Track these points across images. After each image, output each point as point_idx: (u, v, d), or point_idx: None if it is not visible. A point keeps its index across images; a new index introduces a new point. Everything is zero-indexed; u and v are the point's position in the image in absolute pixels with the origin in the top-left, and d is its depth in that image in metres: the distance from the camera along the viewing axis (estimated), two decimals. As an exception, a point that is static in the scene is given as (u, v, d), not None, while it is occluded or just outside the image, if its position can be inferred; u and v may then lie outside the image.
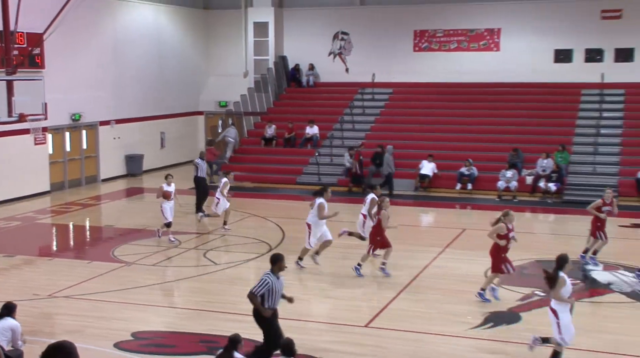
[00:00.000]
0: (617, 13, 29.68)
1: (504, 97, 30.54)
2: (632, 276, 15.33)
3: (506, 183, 25.39)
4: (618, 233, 20.73)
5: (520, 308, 13.40)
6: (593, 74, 29.46)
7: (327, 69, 33.70)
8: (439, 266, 16.44)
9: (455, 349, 11.47)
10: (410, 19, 32.16)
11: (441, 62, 31.85)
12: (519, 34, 30.99)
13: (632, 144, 26.82)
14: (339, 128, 30.41)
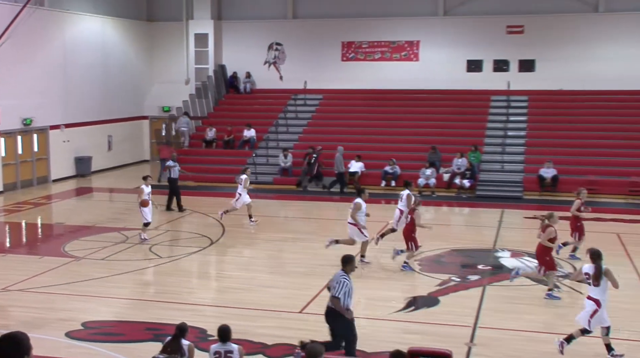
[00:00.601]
0: (520, 28, 30.38)
1: (423, 102, 30.93)
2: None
3: (426, 180, 25.73)
4: (523, 223, 21.27)
5: (438, 293, 13.59)
6: (500, 82, 30.11)
7: (262, 77, 33.62)
8: (367, 256, 16.55)
9: (381, 331, 11.58)
10: (339, 31, 32.32)
11: (367, 71, 32.08)
12: (435, 46, 31.43)
13: (534, 145, 27.46)
14: (274, 131, 30.39)
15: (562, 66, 29.81)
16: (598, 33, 29.68)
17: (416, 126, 29.38)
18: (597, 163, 26.03)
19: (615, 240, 18.22)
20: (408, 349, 7.80)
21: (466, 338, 11.11)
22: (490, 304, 13.01)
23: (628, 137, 27.07)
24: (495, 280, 14.57)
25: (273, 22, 33.31)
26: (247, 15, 33.54)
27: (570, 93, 29.67)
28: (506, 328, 11.63)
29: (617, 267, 15.53)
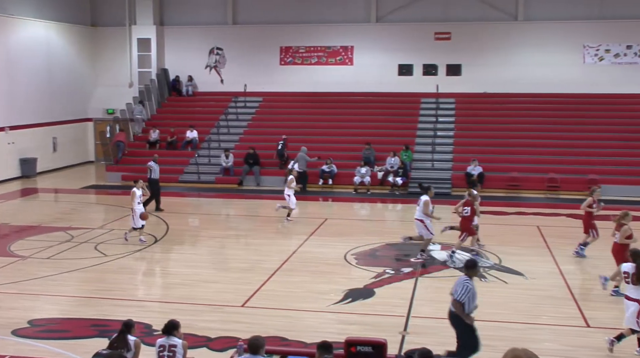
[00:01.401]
0: (447, 35, 30.86)
1: (357, 104, 31.08)
2: (466, 254, 15.96)
3: (361, 178, 25.88)
4: (452, 218, 21.52)
5: (374, 285, 13.68)
6: (430, 85, 30.53)
7: (204, 80, 33.30)
8: (305, 252, 16.56)
9: (321, 322, 11.59)
10: (277, 36, 32.25)
11: (304, 75, 32.10)
12: (369, 51, 31.65)
13: (462, 144, 27.92)
14: (215, 132, 30.14)
15: (486, 71, 30.43)
16: (518, 40, 30.38)
17: (351, 127, 29.53)
18: (519, 161, 26.62)
19: (536, 233, 18.66)
20: (345, 339, 7.83)
21: (400, 327, 11.21)
22: (422, 294, 13.16)
23: (546, 136, 27.76)
24: (426, 271, 14.75)
25: (214, 27, 33.02)
26: (188, 21, 33.18)
27: (493, 96, 30.28)
28: (437, 316, 11.75)
29: (538, 258, 16.01)
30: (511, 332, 11.03)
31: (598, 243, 16.17)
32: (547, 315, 11.93)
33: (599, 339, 10.72)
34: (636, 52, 29.65)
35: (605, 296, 12.97)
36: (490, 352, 9.80)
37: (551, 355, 9.82)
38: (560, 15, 30.00)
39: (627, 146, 26.90)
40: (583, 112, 28.90)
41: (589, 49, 30.00)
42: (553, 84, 29.65)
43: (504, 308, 12.24)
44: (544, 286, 13.70)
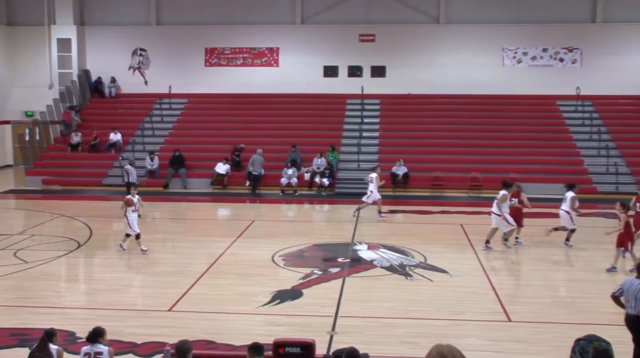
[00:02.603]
0: (372, 37, 31.25)
1: (283, 106, 31.12)
2: (392, 254, 16.19)
3: (288, 179, 25.91)
4: (377, 217, 21.82)
5: (301, 286, 13.70)
6: (355, 86, 30.83)
7: (127, 82, 32.68)
8: (232, 254, 16.45)
9: (249, 324, 11.53)
10: (202, 37, 31.96)
11: (229, 76, 31.92)
12: (294, 52, 31.73)
13: (387, 145, 28.31)
14: (140, 134, 29.62)
15: (409, 72, 30.96)
16: (440, 42, 31.05)
17: (277, 129, 29.53)
18: (443, 160, 27.18)
19: (460, 231, 19.08)
20: (273, 341, 7.82)
21: (328, 327, 11.27)
22: (350, 294, 13.26)
23: (468, 137, 28.43)
24: (354, 271, 14.88)
25: (137, 28, 32.45)
26: (110, 21, 32.50)
27: (417, 97, 30.83)
28: (365, 315, 11.90)
29: (462, 255, 16.37)
30: (436, 328, 11.24)
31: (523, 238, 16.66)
32: (470, 311, 12.21)
33: (520, 332, 11.06)
34: (552, 55, 30.74)
35: (525, 291, 13.38)
36: (414, 348, 9.98)
37: (475, 350, 10.05)
38: (481, 19, 30.81)
39: (544, 145, 27.82)
40: (503, 112, 29.74)
41: (508, 51, 30.92)
42: (474, 85, 30.41)
43: (429, 306, 12.47)
44: (467, 283, 14.02)
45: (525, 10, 30.68)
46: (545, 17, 30.59)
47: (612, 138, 28.00)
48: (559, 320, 11.61)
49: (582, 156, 27.20)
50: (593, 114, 29.37)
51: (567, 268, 15.45)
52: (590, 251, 16.86)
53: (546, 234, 17.15)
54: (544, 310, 12.28)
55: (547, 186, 25.26)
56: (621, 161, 26.75)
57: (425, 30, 31.14)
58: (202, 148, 28.54)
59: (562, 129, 28.80)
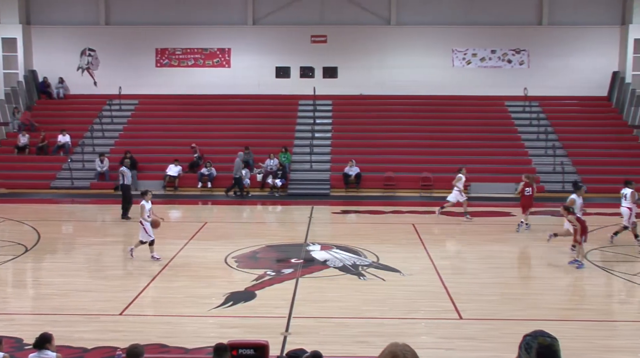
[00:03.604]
0: (323, 38, 31.34)
1: (235, 107, 30.98)
2: (345, 254, 16.24)
3: (240, 181, 25.79)
4: (330, 218, 21.91)
5: (254, 287, 13.65)
6: (307, 87, 30.86)
7: (76, 83, 32.09)
8: (185, 256, 16.29)
9: (202, 327, 11.44)
10: (152, 38, 31.59)
11: (181, 77, 31.62)
12: (246, 53, 31.60)
13: (339, 145, 28.42)
14: (89, 136, 29.12)
15: (361, 73, 31.14)
16: (391, 44, 31.30)
17: (230, 129, 29.38)
18: (394, 161, 27.40)
19: (412, 230, 19.25)
20: (227, 342, 7.78)
21: (282, 328, 11.25)
22: (303, 295, 13.26)
23: (419, 137, 28.74)
24: (307, 272, 14.88)
25: (85, 28, 31.90)
26: (57, 20, 31.86)
27: (369, 98, 31.01)
28: (318, 316, 11.91)
29: (414, 254, 16.50)
30: (389, 327, 11.32)
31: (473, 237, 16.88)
32: (423, 310, 12.33)
33: (471, 330, 11.21)
34: (500, 56, 31.27)
35: (476, 289, 13.57)
36: (368, 348, 10.03)
37: (427, 348, 10.15)
38: (431, 21, 31.17)
39: (494, 145, 28.29)
40: (453, 113, 30.13)
41: (458, 53, 31.35)
42: (425, 86, 30.74)
43: (382, 305, 12.54)
44: (419, 281, 14.15)
45: (474, 13, 31.16)
46: (493, 20, 31.10)
47: (558, 137, 28.62)
48: (509, 317, 11.80)
49: (530, 156, 27.73)
50: (540, 114, 29.98)
51: (516, 265, 15.71)
52: (538, 248, 17.18)
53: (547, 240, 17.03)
54: (495, 307, 12.47)
55: (497, 185, 25.72)
56: (567, 160, 27.36)
57: (377, 31, 31.35)
58: (153, 149, 28.23)
59: (511, 129, 29.33)
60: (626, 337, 11.46)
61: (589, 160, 27.30)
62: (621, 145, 28.67)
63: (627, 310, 13.17)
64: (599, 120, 29.98)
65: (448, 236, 18.61)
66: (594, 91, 30.93)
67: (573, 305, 13.35)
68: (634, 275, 14.77)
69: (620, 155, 27.91)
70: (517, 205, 23.33)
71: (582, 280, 14.65)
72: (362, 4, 31.24)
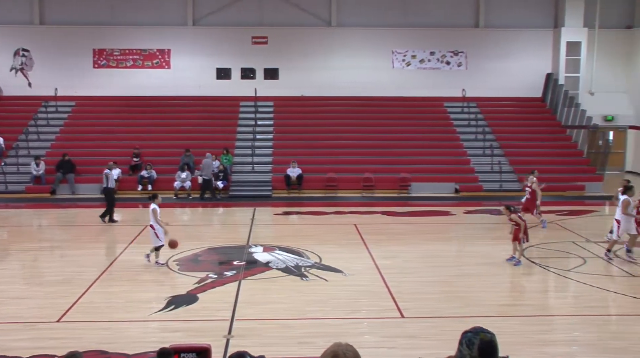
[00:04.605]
0: (264, 39, 31.27)
1: (175, 109, 30.61)
2: (287, 255, 16.25)
3: (182, 183, 25.52)
4: (273, 220, 21.89)
5: (196, 290, 13.54)
6: (248, 89, 30.73)
7: (9, 84, 31.17)
8: (125, 260, 16.04)
9: (143, 332, 11.29)
10: (89, 38, 30.96)
11: (119, 78, 31.08)
12: (186, 54, 31.29)
13: (281, 147, 28.39)
14: (24, 139, 28.35)
15: (303, 74, 31.20)
16: (332, 45, 31.44)
17: (170, 132, 29.02)
18: (336, 161, 27.52)
19: (354, 230, 19.38)
20: (169, 347, 7.68)
21: (225, 331, 11.19)
22: (246, 297, 13.22)
23: (361, 138, 28.94)
24: (249, 274, 14.84)
25: (18, 27, 31.05)
26: (-11, 20, 30.97)
27: (310, 99, 31.09)
28: (261, 318, 11.89)
29: (356, 255, 16.63)
30: (332, 327, 11.38)
31: (414, 236, 17.08)
32: (365, 309, 12.43)
33: (413, 328, 11.37)
34: (439, 58, 31.76)
35: (417, 288, 13.75)
36: (311, 348, 10.06)
37: (370, 347, 10.25)
38: (371, 22, 31.45)
39: (434, 145, 28.70)
40: (393, 114, 30.44)
41: (397, 54, 31.71)
42: (365, 87, 31.00)
43: (324, 305, 12.60)
44: (362, 281, 14.26)
45: (413, 15, 31.57)
46: (432, 22, 31.56)
47: (495, 137, 29.24)
48: (449, 314, 12.01)
49: (468, 156, 28.24)
50: (478, 115, 30.57)
51: (457, 264, 15.97)
52: (478, 246, 17.53)
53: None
54: (436, 305, 12.68)
55: (437, 185, 26.12)
56: (504, 160, 27.97)
57: (318, 33, 31.46)
58: (92, 152, 27.66)
59: (450, 129, 29.82)
60: (561, 330, 11.79)
61: (525, 159, 27.93)
62: (555, 145, 29.48)
63: (562, 304, 13.55)
64: (534, 120, 30.75)
65: (389, 236, 18.80)
66: (529, 92, 31.73)
67: (511, 301, 13.67)
68: (569, 271, 15.23)
69: (554, 154, 28.70)
70: (457, 204, 23.79)
71: (520, 276, 15.02)
72: (302, 6, 31.30)
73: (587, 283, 14.23)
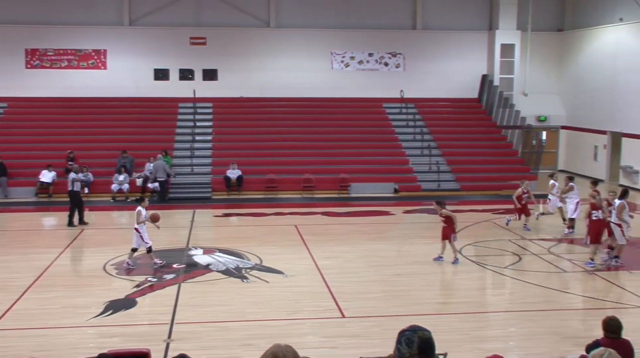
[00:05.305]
0: (203, 40, 30.99)
1: (112, 110, 30.03)
2: (228, 257, 16.16)
3: (119, 186, 25.09)
4: (213, 221, 21.74)
5: (135, 294, 13.35)
6: (187, 90, 30.40)
7: (-63, 85, 30.11)
8: (61, 265, 15.68)
9: (80, 338, 11.06)
10: (21, 38, 30.08)
11: (54, 79, 30.29)
12: (123, 55, 30.73)
13: (220, 148, 28.20)
14: (-47, 141, 27.42)
15: (242, 75, 31.04)
16: (271, 46, 31.37)
17: (107, 133, 28.44)
18: (276, 163, 27.48)
19: (294, 231, 19.40)
20: (107, 352, 7.56)
21: (164, 334, 11.06)
22: (186, 300, 13.09)
23: (300, 139, 28.97)
24: (189, 276, 14.70)
25: (-54, 26, 30.01)
26: None
27: (250, 100, 30.96)
28: (202, 321, 11.80)
29: (297, 255, 16.65)
30: (273, 329, 11.37)
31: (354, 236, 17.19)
32: (306, 310, 12.47)
33: (354, 328, 11.46)
34: (377, 59, 32.06)
35: (358, 288, 13.87)
36: (252, 350, 10.03)
37: (311, 348, 10.28)
38: (310, 24, 31.51)
39: (373, 146, 28.94)
40: (333, 115, 30.61)
41: (336, 55, 31.88)
42: (305, 88, 31.05)
43: (265, 307, 12.59)
44: (302, 282, 14.30)
45: (352, 17, 31.77)
46: (370, 23, 31.83)
47: (433, 138, 29.68)
48: (388, 313, 12.14)
49: (407, 156, 28.59)
50: (416, 115, 30.97)
51: (396, 263, 16.14)
52: (417, 245, 17.76)
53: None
54: (376, 304, 12.80)
55: (376, 185, 26.35)
56: (442, 160, 28.42)
57: (256, 34, 31.35)
58: (25, 154, 26.93)
59: (388, 130, 30.13)
60: (498, 326, 12.08)
61: (462, 159, 28.47)
62: (491, 144, 30.12)
63: (498, 301, 13.87)
64: (471, 121, 31.35)
65: (330, 237, 18.90)
66: (465, 93, 32.33)
67: (449, 298, 13.91)
68: (504, 268, 15.59)
69: (490, 154, 29.34)
70: (396, 204, 24.06)
71: (457, 274, 15.29)
72: (240, 7, 31.14)
73: (522, 279, 14.60)
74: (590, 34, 31.10)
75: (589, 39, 31.22)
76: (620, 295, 13.80)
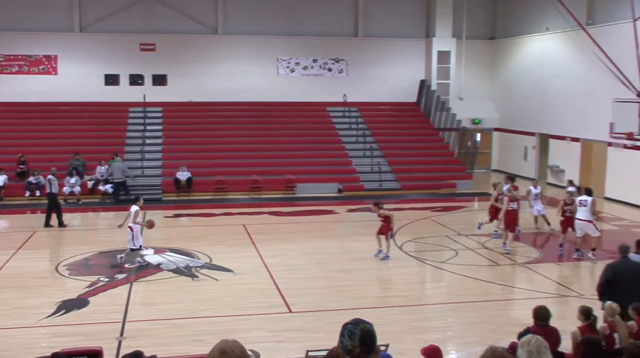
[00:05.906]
0: (152, 46, 30.60)
1: (63, 114, 29.42)
2: (178, 256, 16.02)
3: (71, 188, 24.58)
4: (163, 222, 21.49)
5: (87, 294, 13.13)
6: (137, 95, 29.97)
7: None
8: (12, 267, 15.29)
9: (32, 338, 10.83)
10: (-30, 44, 29.24)
11: (3, 84, 29.47)
12: (73, 60, 30.09)
13: (170, 151, 27.90)
14: None
15: (191, 81, 30.77)
16: (219, 52, 31.19)
17: (58, 137, 27.87)
18: (225, 164, 27.33)
19: (243, 231, 19.34)
20: (59, 351, 7.43)
21: (117, 333, 10.92)
22: (137, 299, 12.95)
23: (248, 141, 28.88)
24: (141, 276, 14.52)
25: None
26: None
27: (198, 104, 30.71)
28: (153, 318, 11.69)
29: (245, 254, 16.62)
30: (222, 325, 11.34)
31: (300, 235, 17.22)
32: (254, 306, 12.46)
33: (299, 322, 11.52)
34: (321, 65, 32.19)
35: (304, 284, 13.92)
36: (201, 346, 9.97)
37: (259, 342, 10.26)
38: (256, 31, 31.44)
39: (318, 148, 29.06)
40: (279, 118, 30.60)
41: (282, 61, 31.88)
42: (252, 93, 30.98)
43: (215, 304, 12.54)
44: (251, 280, 14.28)
45: (297, 24, 31.82)
46: (315, 31, 31.94)
47: (375, 140, 29.96)
48: (333, 308, 12.23)
49: (350, 157, 28.78)
50: (359, 119, 31.21)
51: (339, 259, 16.25)
52: (360, 242, 17.90)
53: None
54: (321, 299, 12.88)
55: (320, 186, 26.46)
56: (383, 161, 28.71)
57: (205, 40, 31.12)
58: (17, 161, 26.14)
59: (332, 132, 30.28)
60: (437, 318, 12.30)
61: (402, 160, 28.80)
62: (429, 146, 30.56)
63: (436, 293, 14.11)
64: (410, 124, 31.75)
65: (276, 235, 18.91)
66: (405, 97, 32.72)
67: (390, 292, 14.09)
68: (442, 263, 15.86)
69: (428, 155, 29.77)
70: (340, 203, 24.21)
71: (398, 269, 15.48)
72: (189, 14, 30.87)
73: (459, 273, 14.89)
74: (520, 42, 31.87)
75: (519, 47, 31.99)
76: (548, 286, 14.19)
